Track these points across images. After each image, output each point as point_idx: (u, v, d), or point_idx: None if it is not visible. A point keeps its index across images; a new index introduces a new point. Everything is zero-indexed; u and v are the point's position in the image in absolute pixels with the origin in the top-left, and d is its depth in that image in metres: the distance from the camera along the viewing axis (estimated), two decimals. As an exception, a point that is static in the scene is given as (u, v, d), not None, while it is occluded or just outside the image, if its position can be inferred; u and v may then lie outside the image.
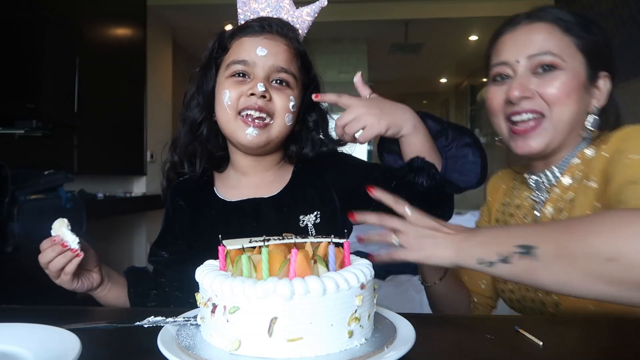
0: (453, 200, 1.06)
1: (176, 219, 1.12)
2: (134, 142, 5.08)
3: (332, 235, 0.66)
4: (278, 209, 1.04)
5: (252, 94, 0.98)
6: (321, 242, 0.67)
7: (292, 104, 1.02)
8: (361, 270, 0.63)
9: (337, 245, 0.67)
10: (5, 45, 3.02)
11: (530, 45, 1.02)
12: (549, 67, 1.00)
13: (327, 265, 0.64)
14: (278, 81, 1.02)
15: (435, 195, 0.98)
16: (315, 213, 1.04)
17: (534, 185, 1.12)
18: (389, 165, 1.06)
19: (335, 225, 1.05)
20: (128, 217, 5.01)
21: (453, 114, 9.55)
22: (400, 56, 6.75)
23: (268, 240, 0.64)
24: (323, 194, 1.07)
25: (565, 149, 1.05)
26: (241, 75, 1.02)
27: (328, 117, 1.14)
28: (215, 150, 1.11)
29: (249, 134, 0.98)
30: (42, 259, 0.94)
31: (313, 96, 0.95)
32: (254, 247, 0.66)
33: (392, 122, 0.93)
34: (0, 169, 2.38)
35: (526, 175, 1.14)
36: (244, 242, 0.64)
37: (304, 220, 1.02)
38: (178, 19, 5.69)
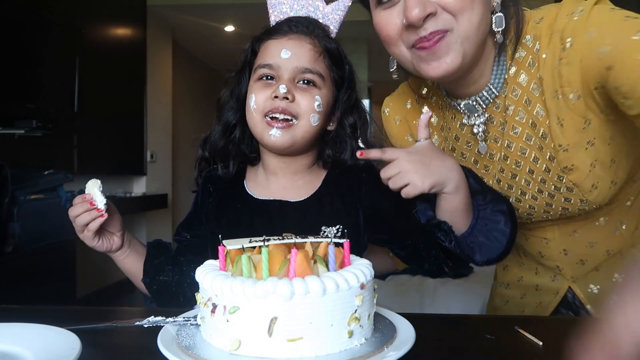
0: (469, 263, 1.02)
1: (204, 205, 1.14)
2: (134, 142, 5.08)
3: (334, 235, 0.66)
4: (302, 216, 1.03)
5: (275, 97, 0.98)
6: (321, 242, 0.67)
7: (317, 103, 1.00)
8: (361, 270, 0.63)
9: (337, 245, 0.67)
10: (5, 46, 3.02)
11: None
12: None
13: (327, 265, 0.64)
14: (305, 82, 1.01)
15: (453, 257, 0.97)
16: (337, 226, 1.01)
17: (464, 109, 1.03)
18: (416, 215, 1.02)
19: (357, 242, 1.04)
20: (128, 217, 5.00)
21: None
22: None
23: (268, 240, 0.63)
24: (350, 208, 1.04)
25: (484, 61, 0.96)
26: (269, 78, 1.02)
27: (369, 119, 1.12)
28: (248, 152, 1.13)
29: (272, 135, 0.98)
30: (71, 212, 0.99)
31: (358, 153, 0.93)
32: (254, 247, 0.66)
33: (437, 181, 0.88)
34: (0, 168, 2.39)
35: (451, 102, 1.05)
36: (244, 242, 0.64)
37: (325, 232, 1.01)
38: (178, 19, 5.69)
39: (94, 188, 0.97)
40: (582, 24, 0.86)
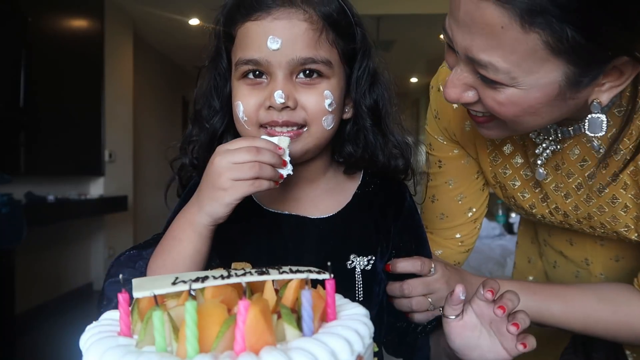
0: None
1: None
2: (91, 140, 4.75)
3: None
4: (325, 238, 0.81)
5: (270, 107, 0.73)
6: (290, 279, 0.42)
7: (328, 101, 0.75)
8: (356, 330, 0.38)
9: (314, 284, 0.42)
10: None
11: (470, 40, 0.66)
12: (490, 80, 0.66)
13: (298, 324, 0.39)
14: (306, 72, 0.75)
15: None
16: (369, 257, 0.80)
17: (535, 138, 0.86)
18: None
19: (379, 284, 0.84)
20: (83, 221, 4.66)
21: (423, 115, 9.41)
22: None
23: (204, 279, 0.38)
24: (385, 235, 0.83)
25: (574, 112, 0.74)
26: (256, 74, 0.75)
27: (392, 96, 0.87)
28: None
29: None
30: (260, 155, 0.67)
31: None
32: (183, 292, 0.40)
33: None
34: None
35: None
36: (162, 285, 0.38)
37: (353, 262, 0.80)
38: (139, 10, 5.36)
39: (287, 150, 0.70)
40: None
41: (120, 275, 0.39)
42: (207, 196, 0.68)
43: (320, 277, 0.42)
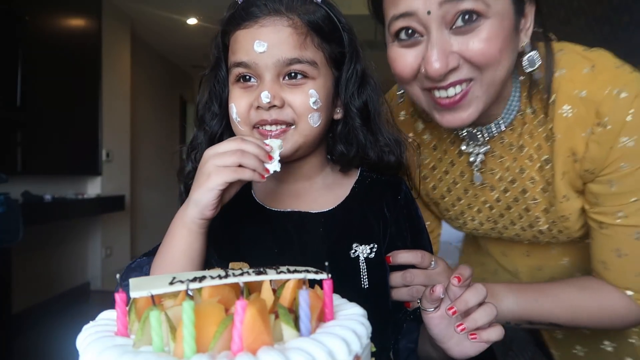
0: None
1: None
2: (88, 139, 4.73)
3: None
4: (328, 231, 0.85)
5: (259, 107, 0.80)
6: (287, 279, 0.42)
7: (313, 100, 0.80)
8: (354, 330, 0.38)
9: (312, 284, 0.42)
10: None
11: None
12: (470, 17, 0.75)
13: (296, 324, 0.39)
14: (293, 75, 0.81)
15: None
16: (372, 245, 0.85)
17: (466, 136, 0.96)
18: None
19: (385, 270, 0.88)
20: (81, 221, 4.65)
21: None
22: (369, 54, 6.57)
23: (201, 279, 0.38)
24: (385, 225, 0.88)
25: (501, 97, 0.88)
26: (247, 78, 0.82)
27: (380, 97, 0.92)
28: None
29: (268, 145, 0.79)
30: (244, 145, 0.71)
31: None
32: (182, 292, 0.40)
33: None
34: None
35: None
36: (159, 284, 0.38)
37: (356, 251, 0.84)
38: (137, 10, 5.34)
39: (276, 150, 0.75)
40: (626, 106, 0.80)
41: (118, 275, 0.39)
42: (195, 185, 0.73)
43: (318, 277, 0.42)
